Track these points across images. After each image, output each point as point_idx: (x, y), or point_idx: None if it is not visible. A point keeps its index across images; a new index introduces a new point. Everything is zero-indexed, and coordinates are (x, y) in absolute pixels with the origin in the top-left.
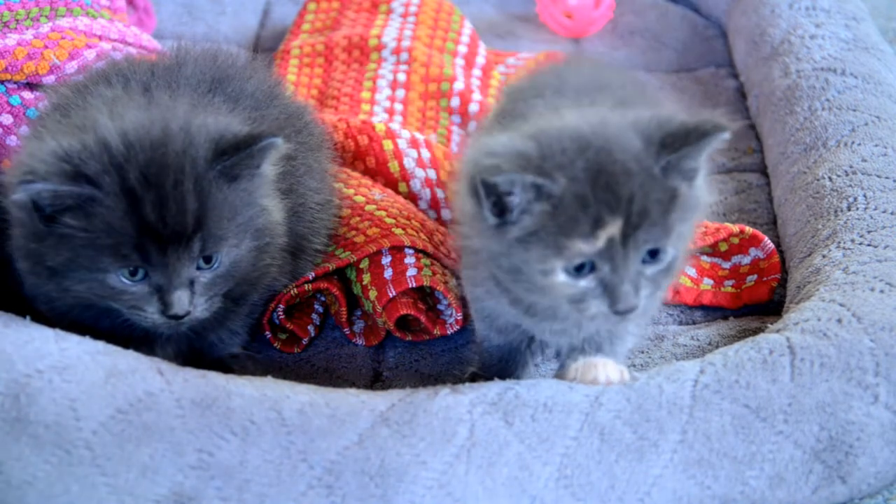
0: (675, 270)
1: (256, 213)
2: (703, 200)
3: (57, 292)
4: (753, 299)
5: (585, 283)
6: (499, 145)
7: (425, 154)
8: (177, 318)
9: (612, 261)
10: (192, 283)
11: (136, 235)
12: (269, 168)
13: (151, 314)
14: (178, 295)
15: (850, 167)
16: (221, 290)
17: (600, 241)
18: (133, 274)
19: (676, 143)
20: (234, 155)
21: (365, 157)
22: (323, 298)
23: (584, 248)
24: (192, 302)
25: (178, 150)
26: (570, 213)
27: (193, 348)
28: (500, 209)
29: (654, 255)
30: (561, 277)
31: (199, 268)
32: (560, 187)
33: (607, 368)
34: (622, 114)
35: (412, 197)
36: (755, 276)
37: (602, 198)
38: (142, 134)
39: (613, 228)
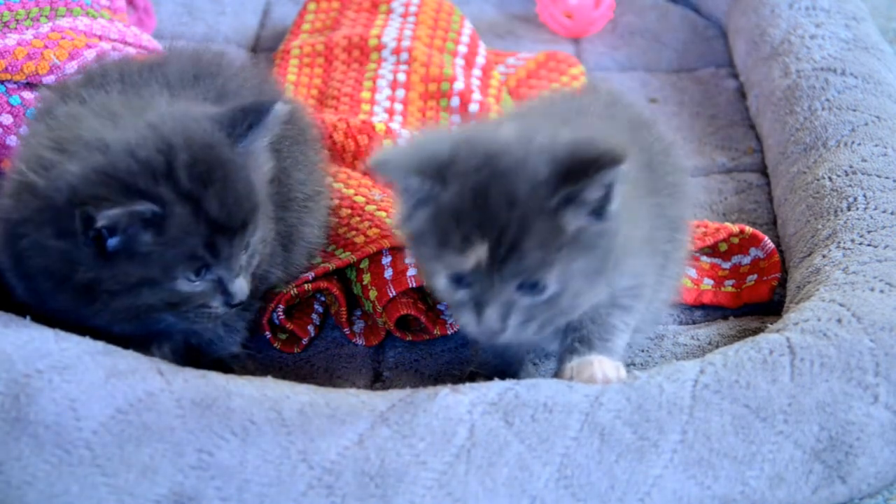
0: (566, 306)
1: (262, 192)
2: (625, 234)
3: (106, 314)
4: (754, 299)
5: (461, 294)
6: (420, 138)
7: None
8: (240, 304)
9: (482, 283)
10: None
11: (208, 234)
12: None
13: (216, 308)
14: (239, 283)
15: (850, 167)
16: (254, 269)
17: (469, 260)
18: (197, 273)
19: (576, 175)
20: (250, 131)
21: (365, 157)
22: (323, 298)
23: (454, 262)
24: (246, 286)
25: (209, 142)
26: (448, 224)
27: (192, 348)
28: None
29: (533, 286)
30: (442, 282)
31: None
32: (447, 196)
33: (603, 366)
34: (553, 132)
35: None
36: (755, 276)
37: (475, 219)
38: (165, 136)
39: (480, 252)
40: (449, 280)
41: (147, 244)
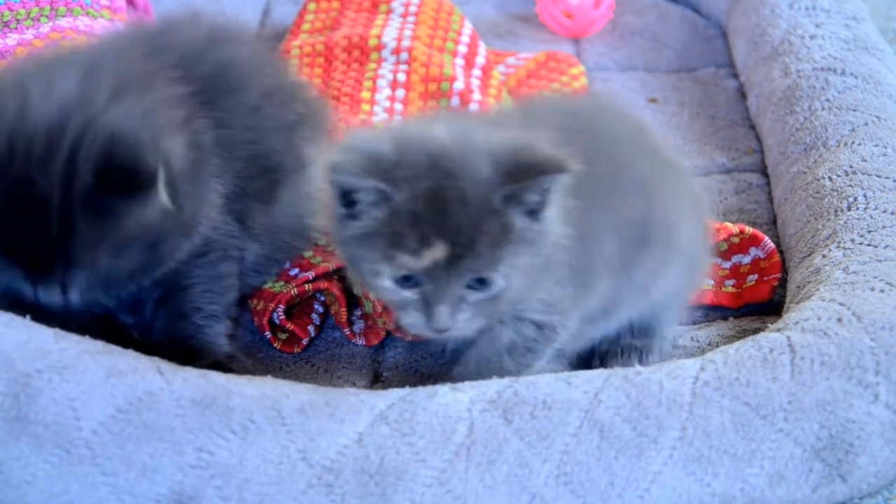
0: (507, 301)
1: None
2: (556, 238)
3: None
4: (755, 299)
5: (409, 294)
6: (359, 140)
7: None
8: None
9: (435, 281)
10: None
11: None
12: None
13: None
14: None
15: (850, 167)
16: None
17: (425, 260)
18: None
19: (518, 175)
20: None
21: None
22: (323, 298)
23: (409, 262)
24: None
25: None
26: (402, 226)
27: (187, 349)
28: (349, 202)
29: (481, 282)
30: (387, 283)
31: None
32: (401, 198)
33: None
34: (488, 133)
35: None
36: (755, 276)
37: (433, 220)
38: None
39: (438, 252)
40: (395, 281)
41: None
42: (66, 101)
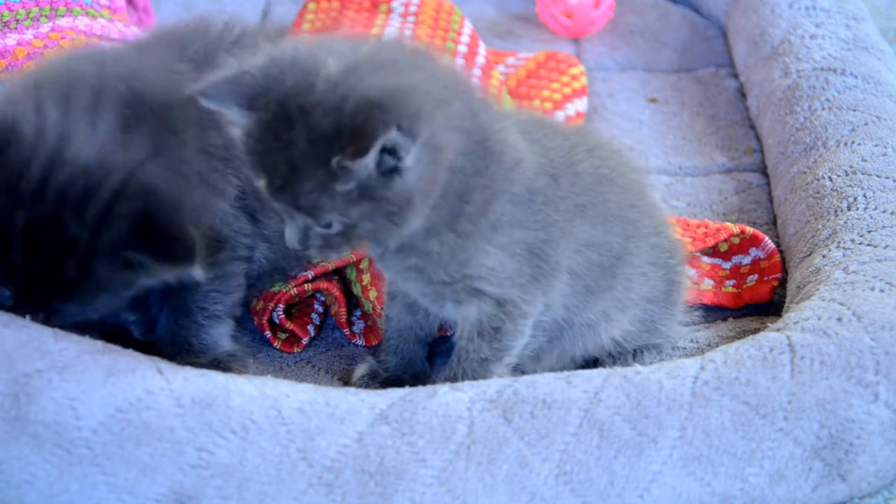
0: (366, 238)
1: None
2: (422, 188)
3: None
4: (755, 299)
5: (280, 207)
6: (258, 60)
7: None
8: None
9: (279, 205)
10: None
11: None
12: None
13: None
14: None
15: (850, 167)
16: None
17: (260, 185)
18: None
19: (344, 142)
20: None
21: None
22: (323, 298)
23: (258, 182)
24: None
25: None
26: (246, 148)
27: (190, 345)
28: None
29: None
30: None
31: None
32: (252, 122)
33: None
34: (378, 78)
35: None
36: (756, 276)
37: (260, 151)
38: None
39: (261, 182)
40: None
41: None
42: (106, 148)
